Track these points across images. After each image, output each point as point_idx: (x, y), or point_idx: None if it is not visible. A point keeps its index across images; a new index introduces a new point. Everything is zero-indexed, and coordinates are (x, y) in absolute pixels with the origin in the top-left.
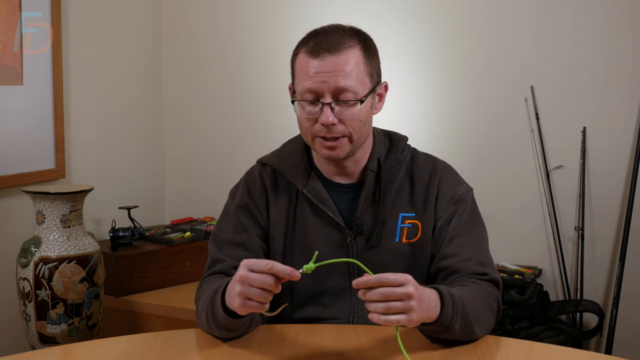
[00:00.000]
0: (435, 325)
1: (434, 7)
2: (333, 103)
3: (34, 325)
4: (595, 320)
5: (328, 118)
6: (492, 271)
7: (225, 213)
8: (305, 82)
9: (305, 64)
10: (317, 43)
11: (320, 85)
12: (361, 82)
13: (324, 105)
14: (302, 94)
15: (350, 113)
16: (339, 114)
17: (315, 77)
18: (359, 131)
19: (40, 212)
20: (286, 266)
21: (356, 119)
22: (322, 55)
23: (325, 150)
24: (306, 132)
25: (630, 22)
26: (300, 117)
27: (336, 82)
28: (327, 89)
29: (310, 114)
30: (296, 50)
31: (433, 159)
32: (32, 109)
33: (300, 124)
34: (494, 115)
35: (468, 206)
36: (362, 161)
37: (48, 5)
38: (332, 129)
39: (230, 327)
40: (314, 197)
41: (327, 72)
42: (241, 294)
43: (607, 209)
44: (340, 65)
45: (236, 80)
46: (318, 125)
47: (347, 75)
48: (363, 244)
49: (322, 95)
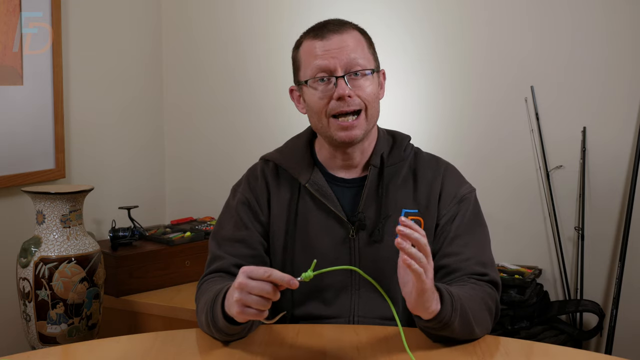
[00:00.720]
0: (435, 322)
1: (434, 7)
2: (346, 76)
3: (34, 325)
4: (595, 320)
5: (345, 90)
6: (492, 272)
7: (227, 209)
8: (314, 62)
9: (311, 47)
10: (319, 29)
11: (332, 60)
12: (367, 59)
13: (338, 79)
14: (312, 75)
15: (363, 85)
16: (353, 87)
17: (325, 54)
18: (372, 106)
19: (40, 212)
20: (284, 274)
21: (369, 92)
22: (328, 35)
23: (342, 132)
24: (320, 115)
25: (630, 22)
26: (312, 99)
27: (347, 55)
28: (339, 64)
29: (325, 91)
30: (297, 43)
31: (437, 158)
32: (32, 109)
33: (313, 108)
34: (493, 115)
35: (471, 206)
36: (367, 153)
37: (48, 5)
38: (349, 102)
39: (230, 333)
40: (317, 191)
41: (336, 48)
42: (239, 301)
43: (607, 209)
44: (346, 41)
45: (236, 79)
46: (333, 103)
47: (354, 49)
48: (365, 239)
49: (334, 71)
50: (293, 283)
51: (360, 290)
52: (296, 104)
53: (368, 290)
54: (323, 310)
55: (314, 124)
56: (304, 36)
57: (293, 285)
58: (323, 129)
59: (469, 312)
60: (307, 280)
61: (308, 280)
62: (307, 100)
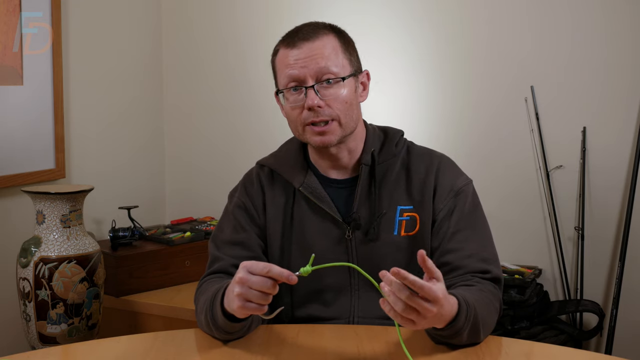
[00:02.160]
0: (447, 331)
1: (434, 7)
2: (316, 85)
3: (34, 325)
4: (595, 320)
5: (313, 100)
6: (495, 267)
7: (225, 214)
8: (286, 71)
9: (284, 56)
10: (292, 36)
11: (301, 70)
12: (340, 65)
13: (307, 89)
14: (285, 84)
15: (335, 94)
16: (324, 96)
17: (295, 64)
18: (346, 114)
19: (40, 212)
20: (283, 269)
21: (341, 100)
22: (299, 44)
23: (316, 137)
24: (295, 124)
25: (630, 22)
26: (287, 109)
27: (316, 64)
28: (309, 73)
29: (296, 101)
30: (274, 50)
31: (430, 151)
32: (32, 109)
33: (288, 117)
34: (493, 115)
35: (469, 198)
36: (356, 153)
37: (48, 5)
38: (319, 112)
39: (230, 331)
40: (311, 194)
41: (306, 57)
42: (240, 295)
43: (607, 209)
44: (317, 49)
45: (236, 79)
46: (305, 112)
47: (325, 57)
48: (361, 239)
49: (304, 82)
50: (292, 278)
51: (360, 291)
52: (280, 109)
53: (367, 291)
54: (322, 311)
55: (292, 131)
56: (279, 43)
57: (292, 281)
58: (300, 136)
59: (479, 320)
60: (306, 275)
61: (306, 275)
62: (284, 108)
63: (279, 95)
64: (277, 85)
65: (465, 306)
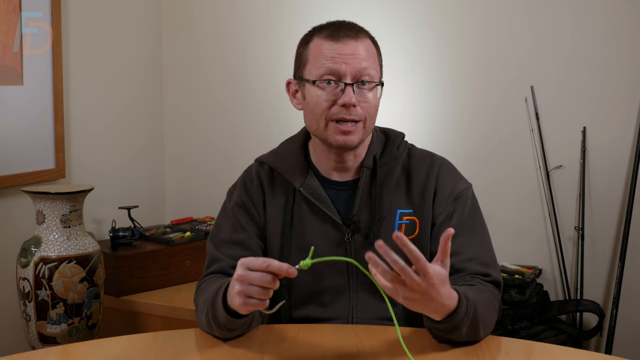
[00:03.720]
0: (447, 324)
1: (434, 7)
2: (355, 84)
3: (34, 325)
4: (595, 320)
5: (352, 98)
6: (495, 271)
7: (223, 212)
8: (324, 62)
9: (322, 47)
10: (335, 29)
11: (343, 66)
12: (376, 69)
13: (346, 86)
14: (320, 76)
15: (367, 97)
16: (358, 96)
17: (337, 57)
18: (372, 118)
19: (40, 212)
20: (283, 263)
21: (371, 104)
22: (343, 39)
23: (340, 136)
24: (320, 117)
25: (630, 22)
26: (315, 100)
27: (359, 63)
28: (349, 71)
29: (330, 95)
30: (307, 38)
31: (430, 154)
32: (32, 109)
33: (314, 108)
34: (493, 115)
35: (468, 202)
36: (360, 156)
37: (48, 5)
38: (351, 111)
39: (231, 327)
40: (311, 195)
41: (349, 54)
42: (241, 292)
43: (607, 209)
44: (361, 49)
45: (236, 79)
46: (336, 108)
47: (367, 59)
48: (361, 242)
49: (343, 77)
50: (291, 271)
51: (358, 293)
52: (291, 98)
53: (366, 292)
54: (321, 312)
55: (310, 123)
56: (315, 33)
57: (292, 274)
58: (319, 130)
59: (479, 317)
60: (305, 268)
61: (306, 269)
62: (308, 98)
63: (302, 84)
64: (301, 74)
65: (465, 300)
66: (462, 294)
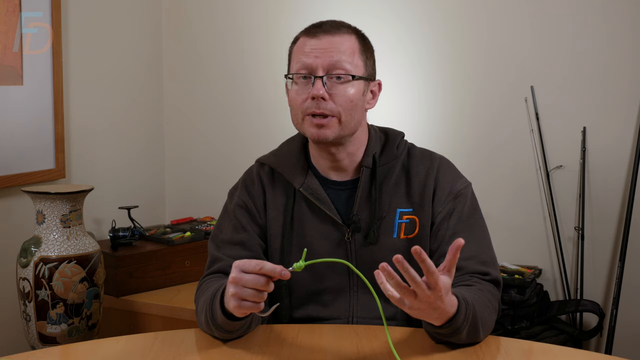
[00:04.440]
0: (446, 329)
1: (434, 7)
2: (325, 77)
3: (34, 325)
4: (595, 320)
5: (319, 91)
6: (494, 270)
7: (225, 213)
8: (300, 57)
9: (302, 44)
10: (315, 27)
11: (315, 60)
12: (354, 64)
13: (315, 79)
14: (296, 70)
15: (341, 90)
16: (330, 89)
17: (310, 52)
18: (349, 113)
19: (40, 212)
20: (276, 265)
21: (346, 98)
22: (319, 35)
23: (313, 129)
24: (297, 111)
25: (630, 22)
26: (292, 94)
27: (330, 56)
28: (321, 64)
29: (303, 89)
30: (295, 38)
31: (430, 153)
32: (32, 109)
33: (292, 103)
34: (494, 115)
35: (468, 201)
36: (357, 156)
37: (48, 5)
38: (321, 104)
39: (229, 330)
40: (311, 195)
41: (322, 48)
42: (235, 295)
43: (607, 209)
44: (335, 43)
45: (237, 79)
46: (309, 102)
47: (341, 52)
48: (361, 241)
49: (315, 71)
50: (285, 274)
51: (359, 292)
52: (287, 96)
53: (366, 292)
54: (322, 312)
55: (292, 119)
56: (301, 32)
57: (285, 276)
58: (299, 126)
59: (478, 319)
60: (299, 270)
61: (300, 271)
62: (288, 95)
63: (287, 80)
64: (287, 71)
65: (465, 304)
66: (461, 298)
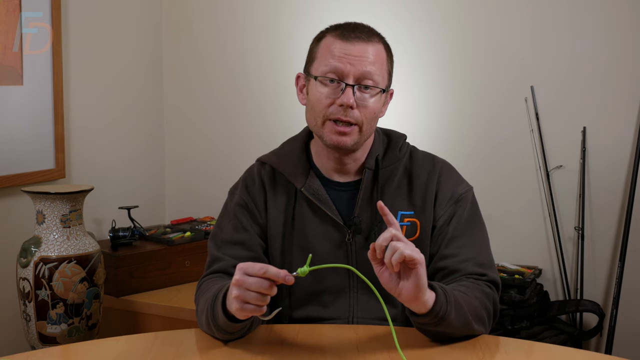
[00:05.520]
0: (431, 317)
1: (434, 7)
2: (356, 87)
3: (34, 325)
4: (595, 320)
5: (350, 99)
6: (491, 272)
7: (225, 212)
8: (331, 61)
9: (332, 45)
10: (348, 30)
11: (347, 67)
12: (382, 76)
13: (347, 87)
14: (324, 73)
15: (368, 101)
16: (358, 99)
17: (344, 57)
18: (369, 124)
19: (40, 212)
20: (280, 270)
21: (371, 110)
22: (353, 40)
23: (334, 135)
24: (318, 114)
25: (630, 22)
26: (316, 96)
27: (364, 66)
28: (353, 72)
29: (330, 93)
30: (320, 35)
31: (432, 157)
32: (32, 109)
33: (314, 105)
34: (493, 115)
35: (468, 205)
36: (361, 160)
37: (48, 5)
38: (348, 112)
39: (231, 331)
40: (313, 195)
41: (356, 56)
42: (238, 297)
43: (607, 209)
44: (369, 52)
45: (237, 79)
46: (334, 107)
47: (373, 63)
48: (362, 243)
49: (346, 77)
50: (289, 279)
51: (359, 293)
52: (298, 92)
53: (366, 293)
54: (322, 312)
55: (309, 119)
56: (329, 31)
57: (289, 281)
58: (317, 128)
59: (463, 305)
60: (303, 275)
61: (304, 276)
62: (310, 94)
63: (308, 79)
64: (309, 69)
65: (442, 290)
66: (437, 286)
